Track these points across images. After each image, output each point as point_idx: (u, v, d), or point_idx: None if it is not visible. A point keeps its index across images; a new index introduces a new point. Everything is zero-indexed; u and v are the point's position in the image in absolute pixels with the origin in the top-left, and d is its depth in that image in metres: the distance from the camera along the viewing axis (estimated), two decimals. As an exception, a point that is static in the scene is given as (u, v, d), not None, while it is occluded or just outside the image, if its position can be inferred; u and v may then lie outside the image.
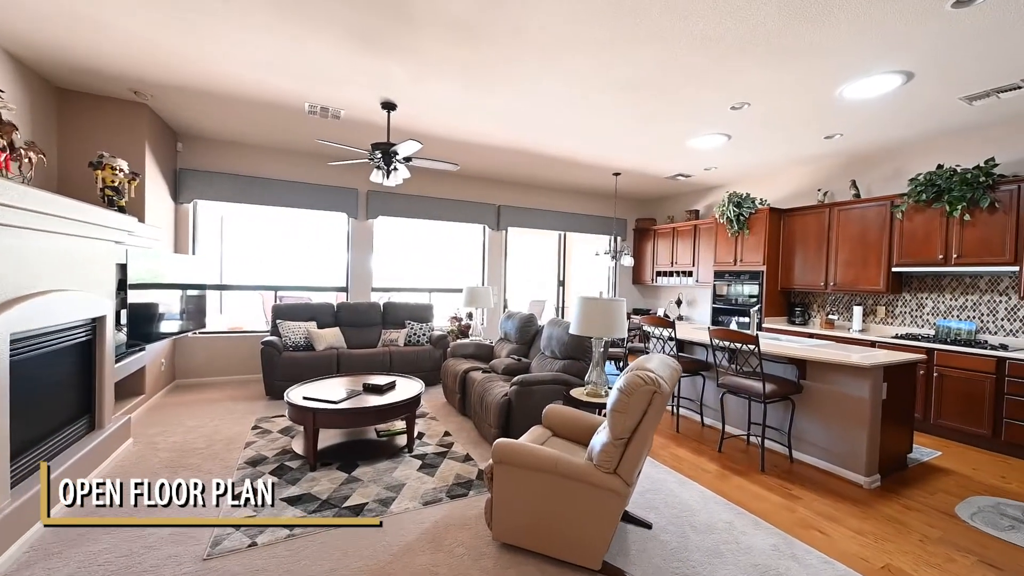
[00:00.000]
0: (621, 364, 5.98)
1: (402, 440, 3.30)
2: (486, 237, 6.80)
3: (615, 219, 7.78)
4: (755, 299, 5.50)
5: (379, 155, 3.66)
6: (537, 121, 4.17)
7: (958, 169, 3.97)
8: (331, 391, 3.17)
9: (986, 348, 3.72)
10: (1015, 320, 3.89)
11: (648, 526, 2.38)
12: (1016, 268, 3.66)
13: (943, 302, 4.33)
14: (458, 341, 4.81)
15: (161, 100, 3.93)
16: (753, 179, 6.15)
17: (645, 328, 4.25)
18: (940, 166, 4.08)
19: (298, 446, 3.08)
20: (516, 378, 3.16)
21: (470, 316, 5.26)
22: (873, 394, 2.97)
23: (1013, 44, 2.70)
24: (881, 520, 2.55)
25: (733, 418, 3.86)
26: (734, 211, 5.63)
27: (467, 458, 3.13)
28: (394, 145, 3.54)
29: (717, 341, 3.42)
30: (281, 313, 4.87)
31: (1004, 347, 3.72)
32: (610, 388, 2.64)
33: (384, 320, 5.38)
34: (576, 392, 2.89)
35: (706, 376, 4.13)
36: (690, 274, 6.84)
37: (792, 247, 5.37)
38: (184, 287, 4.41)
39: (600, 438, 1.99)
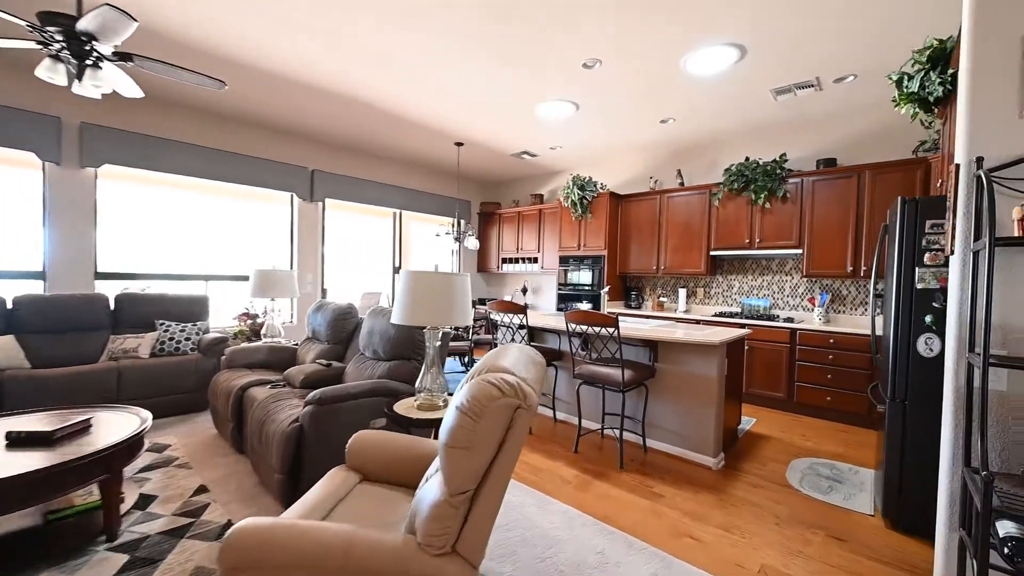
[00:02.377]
0: (467, 360, 5.33)
1: (101, 519, 1.92)
2: (295, 209, 5.33)
3: (459, 200, 7.10)
4: (595, 286, 5.45)
5: (56, 37, 2.10)
6: (366, 53, 3.12)
7: (760, 162, 4.39)
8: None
9: (778, 321, 4.17)
10: (797, 296, 4.50)
11: (505, 591, 1.68)
12: (800, 251, 4.18)
13: (747, 282, 4.83)
14: (242, 345, 3.42)
15: None
16: (594, 164, 6.17)
17: (493, 316, 3.61)
18: (747, 158, 4.48)
19: None
20: (312, 394, 2.11)
21: (267, 311, 3.87)
22: (720, 372, 2.88)
23: (815, 43, 2.88)
24: (739, 506, 2.38)
25: (587, 410, 3.51)
26: (578, 194, 5.50)
27: (228, 527, 1.95)
28: (79, 19, 2.04)
29: (574, 326, 2.96)
30: None
31: (791, 320, 4.24)
32: (451, 396, 1.86)
33: (116, 321, 3.56)
34: (403, 406, 2.03)
35: (558, 366, 3.72)
36: (536, 260, 6.59)
37: (629, 232, 5.47)
38: None
39: (430, 491, 1.17)
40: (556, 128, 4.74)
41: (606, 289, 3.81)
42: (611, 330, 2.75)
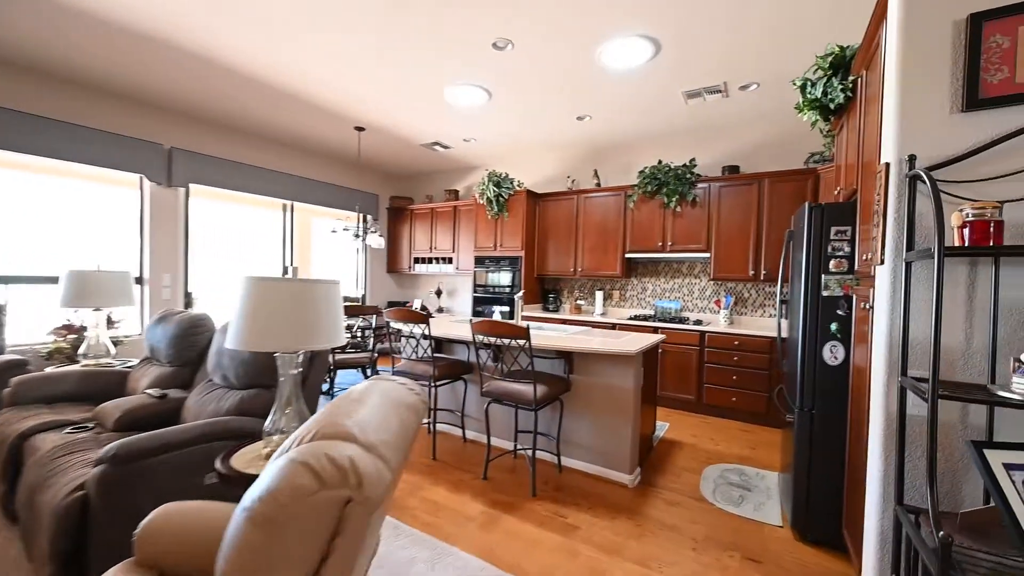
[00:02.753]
0: (371, 374, 4.74)
1: None
2: (145, 195, 4.34)
3: (363, 193, 6.42)
4: (514, 287, 5.19)
5: None
6: (239, 6, 2.47)
7: (672, 165, 4.41)
8: None
9: (688, 324, 4.21)
10: (704, 298, 4.60)
11: None
12: (708, 254, 4.26)
13: (660, 285, 4.87)
14: (46, 371, 2.57)
15: None
16: (511, 161, 5.90)
17: (394, 325, 3.14)
18: (660, 162, 4.48)
19: None
20: (106, 448, 1.50)
21: (96, 323, 2.97)
22: (636, 382, 2.71)
23: (723, 46, 2.86)
24: (656, 530, 2.20)
25: (499, 428, 3.19)
26: (494, 191, 5.18)
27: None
28: None
29: (481, 337, 2.60)
30: None
31: (699, 322, 4.31)
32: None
33: None
34: (245, 456, 1.52)
35: (468, 380, 3.35)
36: (450, 261, 6.17)
37: (547, 232, 5.28)
38: None
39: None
40: (469, 117, 4.37)
41: (520, 294, 3.52)
42: (522, 342, 2.45)
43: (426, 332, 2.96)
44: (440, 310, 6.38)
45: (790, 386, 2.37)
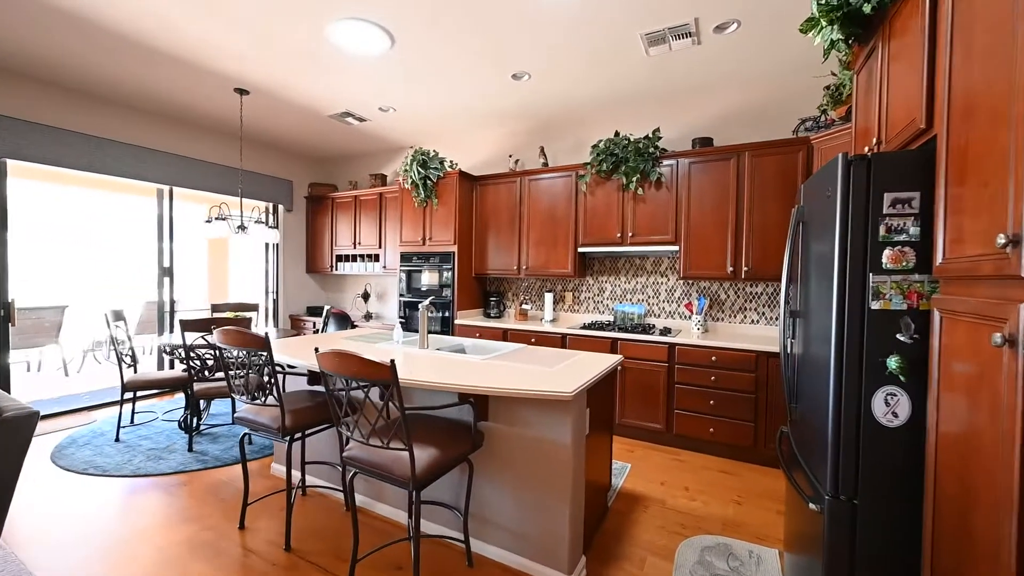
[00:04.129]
0: (187, 422, 3.58)
1: None
2: (-70, 173, 3.15)
3: (270, 177, 5.31)
4: (447, 289, 4.24)
5: None
6: None
7: (631, 138, 3.57)
8: None
9: (654, 333, 3.39)
10: (673, 301, 3.80)
11: None
12: (676, 247, 3.45)
13: (619, 285, 4.03)
14: None
15: None
16: (446, 140, 4.94)
17: (223, 347, 2.12)
18: (617, 133, 3.63)
19: None
20: None
21: None
22: (576, 434, 1.83)
23: None
24: None
25: (388, 493, 2.25)
26: (419, 172, 4.21)
27: None
28: None
29: (334, 376, 1.64)
30: None
31: (668, 330, 3.50)
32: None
33: None
34: None
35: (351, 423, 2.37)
36: (377, 258, 5.15)
37: (486, 223, 4.35)
38: None
39: None
40: (374, 75, 3.38)
41: (426, 303, 2.58)
42: (392, 389, 1.50)
43: (267, 359, 1.97)
44: (368, 316, 5.36)
45: (810, 447, 1.54)
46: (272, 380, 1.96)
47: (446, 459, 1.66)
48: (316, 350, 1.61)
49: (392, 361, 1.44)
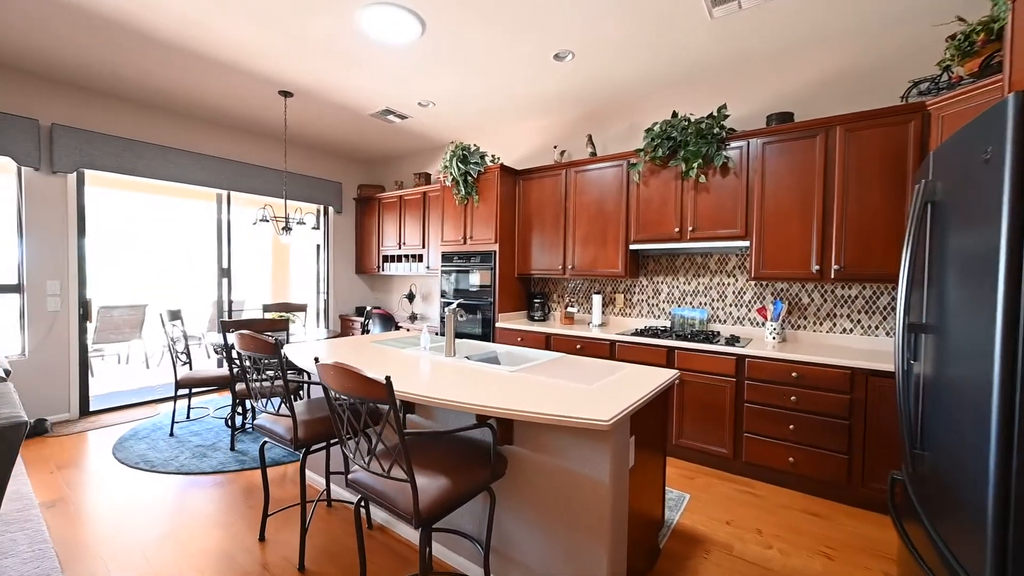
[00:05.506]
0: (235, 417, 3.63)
1: None
2: (23, 184, 3.46)
3: (321, 180, 5.41)
4: (489, 290, 4.02)
5: None
6: None
7: (692, 119, 3.13)
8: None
9: (719, 342, 2.93)
10: (742, 305, 3.29)
11: None
12: (747, 243, 2.96)
13: (678, 287, 3.58)
14: None
15: None
16: (489, 134, 4.74)
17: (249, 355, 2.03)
18: (675, 113, 3.20)
19: None
20: None
21: None
22: (617, 467, 1.51)
23: None
24: None
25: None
26: (460, 168, 4.03)
27: None
28: None
29: (335, 393, 1.46)
30: None
31: (735, 339, 3.02)
32: None
33: None
34: None
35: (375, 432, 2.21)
36: (421, 259, 5.07)
37: (530, 220, 4.08)
38: None
39: None
40: (409, 66, 3.23)
41: (453, 306, 2.35)
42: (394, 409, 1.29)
43: (284, 363, 1.84)
44: (413, 317, 5.30)
45: (947, 510, 1.11)
46: (286, 388, 1.83)
47: (458, 492, 1.41)
48: (316, 360, 1.44)
49: (387, 378, 1.22)
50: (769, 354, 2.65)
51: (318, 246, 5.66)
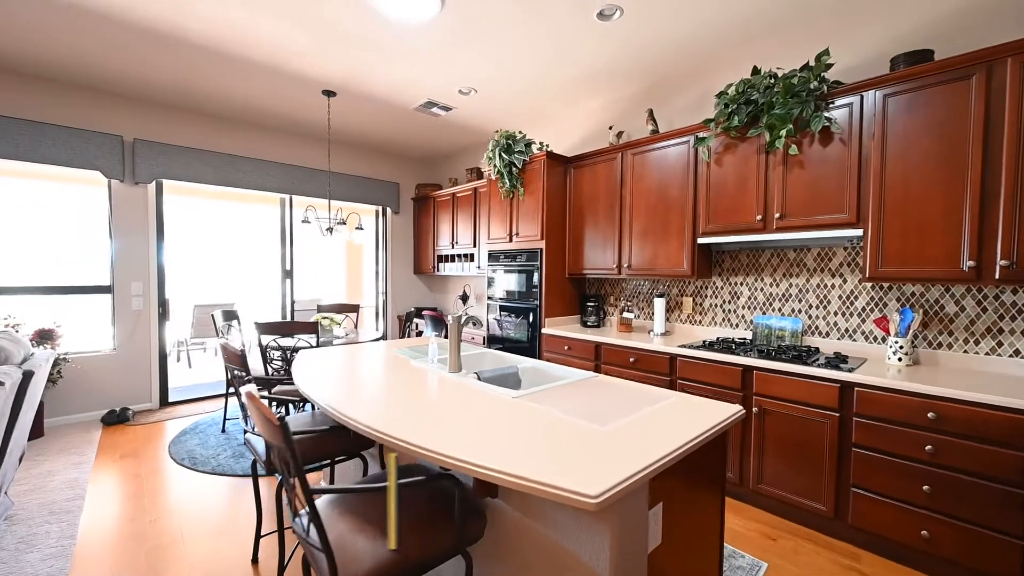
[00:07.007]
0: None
1: None
2: (112, 194, 3.86)
3: (377, 180, 5.44)
4: (534, 291, 3.64)
5: None
6: None
7: (779, 73, 2.45)
8: None
9: (818, 362, 2.23)
10: (851, 313, 2.51)
11: None
12: (859, 231, 2.22)
13: (762, 289, 2.88)
14: None
15: None
16: (536, 122, 4.34)
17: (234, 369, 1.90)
18: (756, 70, 2.53)
19: None
20: None
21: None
22: (623, 556, 1.05)
23: None
24: None
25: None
26: (503, 158, 3.70)
27: None
28: None
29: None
30: None
31: (842, 359, 2.28)
32: None
33: None
34: None
35: (368, 456, 1.97)
36: (472, 258, 4.84)
37: (582, 213, 3.62)
38: None
39: None
40: (434, 45, 2.96)
41: (468, 307, 2.02)
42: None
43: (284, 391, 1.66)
44: (468, 319, 5.08)
45: None
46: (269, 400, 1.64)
47: (407, 561, 1.07)
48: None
49: (281, 418, 0.92)
50: (890, 383, 1.92)
51: (376, 247, 5.71)
